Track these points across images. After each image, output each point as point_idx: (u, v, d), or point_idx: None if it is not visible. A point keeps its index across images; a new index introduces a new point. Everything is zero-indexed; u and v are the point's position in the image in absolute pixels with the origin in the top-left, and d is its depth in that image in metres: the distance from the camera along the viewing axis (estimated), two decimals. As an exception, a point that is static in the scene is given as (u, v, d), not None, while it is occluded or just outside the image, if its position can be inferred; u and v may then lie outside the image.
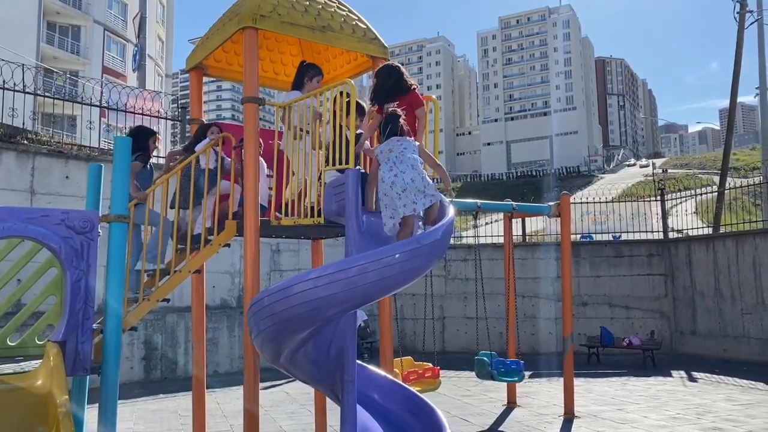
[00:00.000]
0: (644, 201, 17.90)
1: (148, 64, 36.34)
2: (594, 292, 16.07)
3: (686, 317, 15.31)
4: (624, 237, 17.24)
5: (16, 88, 10.99)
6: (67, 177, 11.10)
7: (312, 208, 4.99)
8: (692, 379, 11.65)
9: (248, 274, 5.23)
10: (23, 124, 11.13)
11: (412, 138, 4.82)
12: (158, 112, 12.85)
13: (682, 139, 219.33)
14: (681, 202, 20.25)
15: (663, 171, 68.64)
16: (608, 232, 17.75)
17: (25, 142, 10.89)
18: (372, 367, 5.11)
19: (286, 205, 5.36)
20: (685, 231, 17.37)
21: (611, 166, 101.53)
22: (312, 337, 4.34)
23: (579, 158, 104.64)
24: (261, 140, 5.56)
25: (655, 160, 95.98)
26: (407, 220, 4.46)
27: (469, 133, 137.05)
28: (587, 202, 17.66)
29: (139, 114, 12.42)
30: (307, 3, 5.76)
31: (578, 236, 18.22)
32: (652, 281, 15.93)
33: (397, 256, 4.14)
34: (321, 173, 4.97)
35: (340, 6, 6.10)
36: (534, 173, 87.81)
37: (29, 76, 11.45)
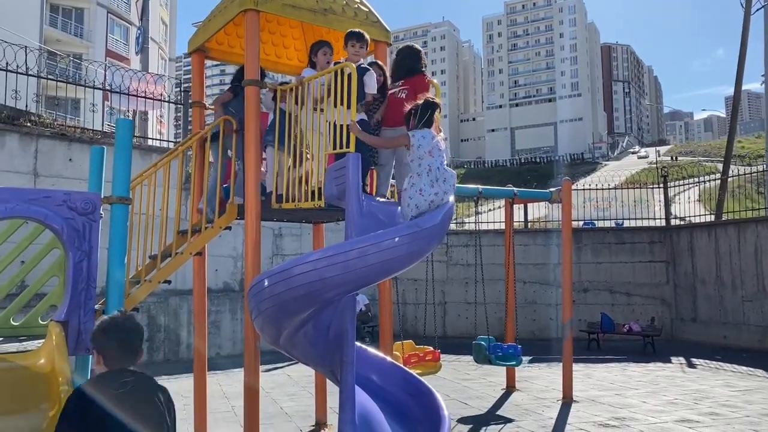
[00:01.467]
0: (647, 188, 17.87)
1: (151, 47, 36.12)
2: (595, 279, 16.10)
3: (687, 304, 15.34)
4: (626, 224, 17.24)
5: (19, 70, 10.99)
6: (70, 159, 11.13)
7: (313, 191, 5.02)
8: (691, 365, 11.71)
9: (249, 257, 5.28)
10: (26, 106, 11.15)
11: None
12: (161, 95, 12.84)
13: (687, 127, 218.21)
14: (685, 190, 20.24)
15: (673, 158, 68.31)
16: (611, 219, 17.77)
17: (29, 124, 10.91)
18: (371, 350, 5.15)
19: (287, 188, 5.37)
20: (688, 218, 17.35)
21: (615, 154, 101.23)
22: (311, 318, 4.38)
23: (583, 145, 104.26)
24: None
25: (659, 148, 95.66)
26: None
27: (473, 119, 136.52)
28: (590, 189, 17.65)
29: (141, 97, 12.42)
30: (309, -14, 5.74)
31: (581, 223, 18.24)
32: (653, 268, 15.94)
33: (396, 239, 4.18)
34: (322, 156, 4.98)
35: (343, -11, 6.08)
36: (538, 160, 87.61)
37: (32, 59, 11.48)
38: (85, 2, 38.02)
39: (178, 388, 9.49)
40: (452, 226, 18.82)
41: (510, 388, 9.34)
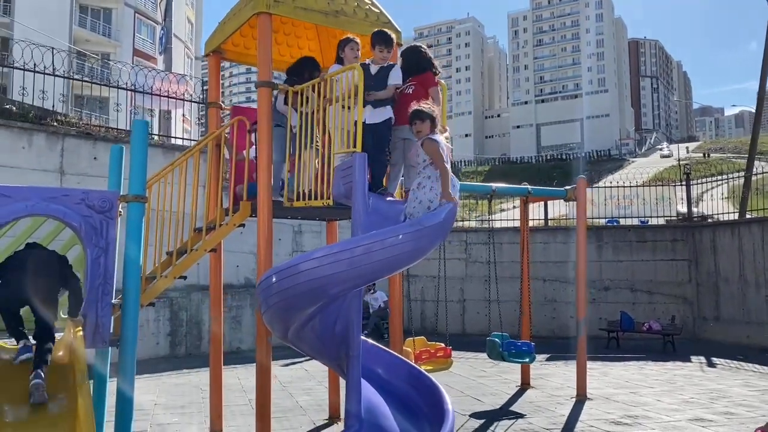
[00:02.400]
0: (669, 186, 17.69)
1: (177, 46, 36.72)
2: (616, 277, 15.99)
3: (709, 303, 15.16)
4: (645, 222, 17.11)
5: (46, 71, 11.30)
6: (95, 158, 11.41)
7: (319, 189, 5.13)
8: (711, 364, 11.61)
9: (261, 253, 5.42)
10: (53, 106, 11.47)
11: None
12: (183, 94, 13.09)
13: (717, 123, 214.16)
14: (713, 187, 19.96)
15: (705, 155, 66.94)
16: (635, 217, 17.61)
17: (55, 123, 11.21)
18: (377, 344, 5.26)
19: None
20: (716, 216, 17.12)
21: (643, 150, 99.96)
22: (318, 313, 4.50)
23: (610, 142, 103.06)
24: None
25: (688, 144, 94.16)
26: None
27: (498, 115, 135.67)
28: (610, 186, 17.54)
29: (164, 96, 12.67)
30: (321, -12, 5.86)
31: (604, 221, 18.14)
32: (675, 266, 15.78)
33: (400, 236, 4.28)
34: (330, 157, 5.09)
35: (354, -10, 6.18)
36: (564, 157, 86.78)
37: (59, 60, 11.79)
38: (113, 2, 38.70)
39: (198, 381, 9.74)
40: (472, 224, 18.87)
41: (524, 385, 9.38)
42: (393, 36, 5.28)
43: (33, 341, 4.41)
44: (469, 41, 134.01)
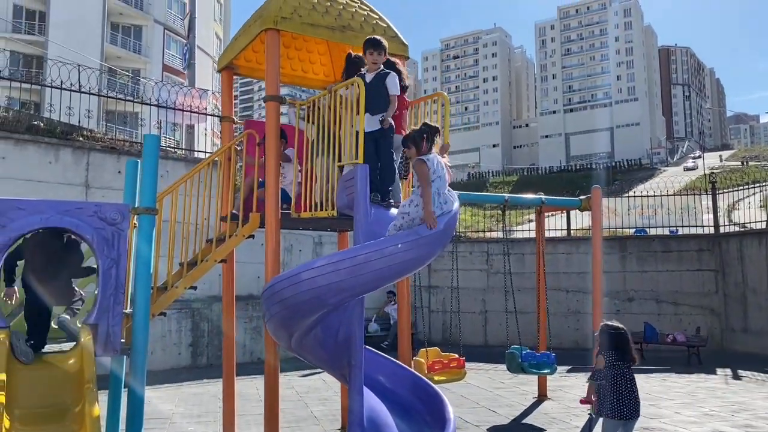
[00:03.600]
0: (695, 195, 17.41)
1: (205, 61, 37.49)
2: (641, 288, 15.77)
3: (737, 314, 14.85)
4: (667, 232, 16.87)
5: (72, 87, 11.66)
6: (119, 171, 11.68)
7: (327, 200, 5.22)
8: (737, 377, 11.37)
9: (268, 264, 5.51)
10: (79, 121, 11.80)
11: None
12: (205, 108, 13.36)
13: (752, 130, 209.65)
14: (748, 196, 19.51)
15: (743, 163, 65.18)
16: (665, 227, 17.33)
17: (81, 138, 11.53)
18: (380, 353, 5.31)
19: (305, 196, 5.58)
20: (749, 225, 16.75)
21: (675, 159, 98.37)
22: (320, 322, 4.58)
23: (641, 150, 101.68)
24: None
25: (722, 152, 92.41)
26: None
27: (527, 125, 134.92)
28: (632, 196, 17.35)
29: (186, 111, 12.94)
30: (329, 4, 5.98)
31: (631, 231, 17.91)
32: (701, 277, 15.51)
33: (399, 245, 4.34)
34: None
35: (362, 6, 6.29)
36: (593, 166, 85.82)
37: (84, 76, 12.16)
38: (143, 20, 39.65)
39: (217, 391, 9.83)
40: (493, 235, 18.77)
41: (541, 397, 9.30)
42: (383, 40, 5.29)
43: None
44: (495, 51, 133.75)
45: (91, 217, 4.95)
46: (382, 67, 5.32)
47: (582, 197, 9.18)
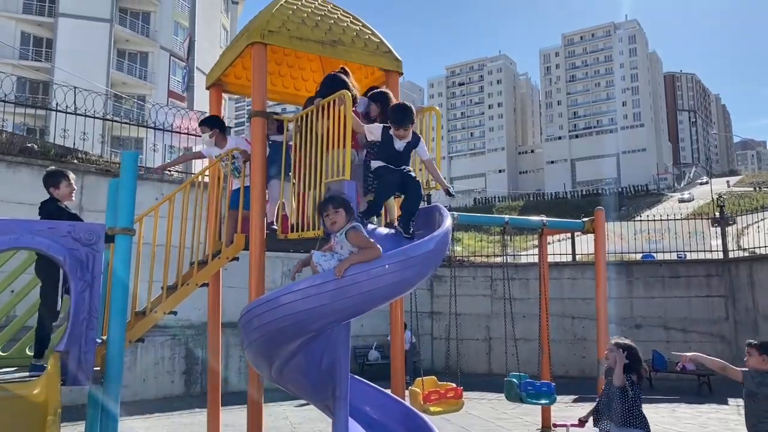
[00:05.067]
0: (702, 219, 17.07)
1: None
2: (648, 314, 15.38)
3: (749, 342, 14.41)
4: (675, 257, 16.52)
5: (78, 111, 11.54)
6: (114, 195, 11.50)
7: (313, 221, 4.96)
8: (750, 407, 10.92)
9: (252, 287, 5.24)
10: (74, 144, 11.63)
11: None
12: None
13: (759, 156, 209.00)
14: (757, 221, 19.14)
15: (756, 188, 64.45)
16: (673, 251, 16.97)
17: (75, 161, 11.36)
18: (368, 383, 4.99)
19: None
20: (759, 250, 16.39)
21: (682, 185, 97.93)
22: (302, 349, 4.27)
23: (648, 176, 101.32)
24: None
25: (729, 179, 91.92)
26: None
27: (532, 151, 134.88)
28: (641, 220, 17.02)
29: (184, 134, 12.79)
30: (319, 18, 5.80)
31: (639, 255, 17.55)
32: (711, 303, 15.12)
33: (386, 266, 4.05)
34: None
35: (354, 21, 6.11)
36: (599, 192, 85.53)
37: (89, 100, 12.07)
38: (150, 46, 39.90)
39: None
40: (497, 260, 18.43)
41: (545, 428, 8.91)
42: (412, 112, 4.75)
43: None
44: (501, 78, 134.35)
45: (65, 238, 4.69)
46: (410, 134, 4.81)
47: (585, 219, 8.88)
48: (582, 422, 5.53)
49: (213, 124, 6.23)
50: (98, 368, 4.83)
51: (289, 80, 7.11)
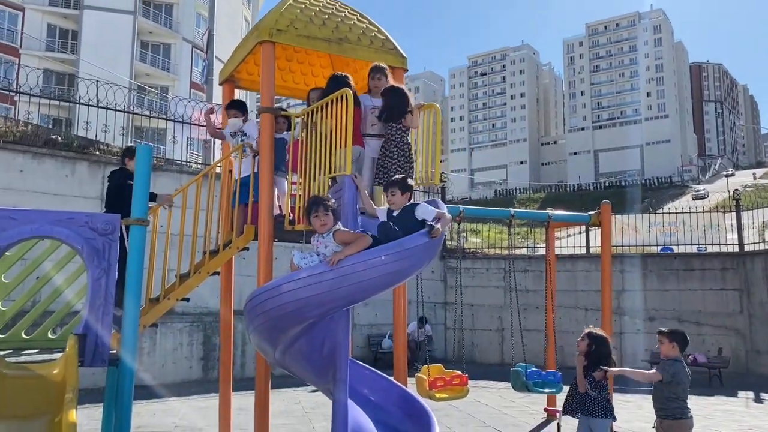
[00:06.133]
0: (718, 212, 17.00)
1: (231, 78, 37.93)
2: (661, 307, 15.41)
3: (763, 335, 14.40)
4: (691, 249, 16.49)
5: (100, 104, 11.90)
6: (134, 185, 11.84)
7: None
8: (759, 400, 10.98)
9: (261, 276, 5.47)
10: (95, 136, 11.99)
11: None
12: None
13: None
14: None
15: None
16: (687, 244, 16.94)
17: (97, 153, 11.71)
18: (368, 368, 5.21)
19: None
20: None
21: (707, 177, 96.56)
22: (304, 334, 4.50)
23: (672, 168, 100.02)
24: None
25: (756, 170, 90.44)
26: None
27: (555, 142, 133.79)
28: (656, 213, 17.00)
29: (203, 126, 13.07)
30: (326, 16, 5.98)
31: (657, 248, 17.54)
32: (725, 296, 15.10)
33: (383, 257, 4.25)
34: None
35: (361, 19, 6.28)
36: (623, 183, 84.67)
37: (111, 93, 12.43)
38: (172, 38, 40.42)
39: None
40: (513, 252, 18.50)
41: (550, 417, 9.08)
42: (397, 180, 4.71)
43: None
44: (523, 68, 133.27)
45: (82, 227, 4.97)
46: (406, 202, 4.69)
47: (591, 213, 8.98)
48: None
49: (244, 109, 6.50)
50: (114, 351, 5.11)
51: (299, 76, 7.31)
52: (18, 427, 4.13)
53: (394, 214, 4.60)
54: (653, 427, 5.19)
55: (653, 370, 5.17)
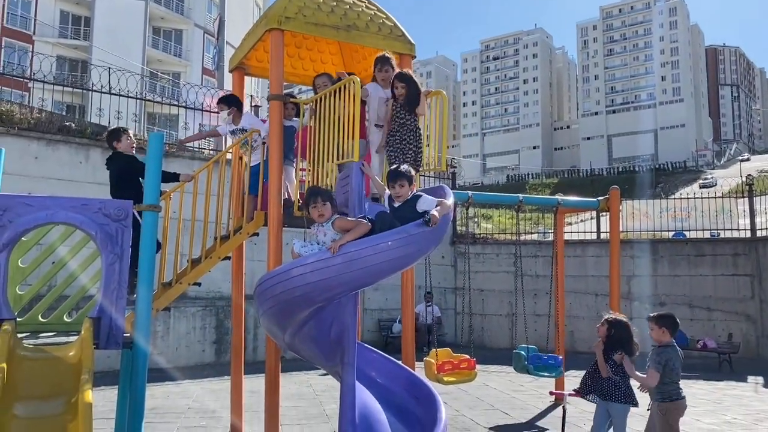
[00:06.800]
0: (730, 198, 16.90)
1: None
2: (672, 292, 15.39)
3: (774, 321, 14.37)
4: (702, 235, 16.42)
5: (103, 90, 12.01)
6: (147, 171, 11.97)
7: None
8: (768, 385, 11.01)
9: (270, 262, 5.57)
10: (108, 123, 12.11)
11: None
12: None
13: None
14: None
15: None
16: (699, 230, 16.87)
17: (110, 139, 11.83)
18: (376, 351, 5.31)
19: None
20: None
21: (722, 161, 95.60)
22: (312, 318, 4.60)
23: (686, 153, 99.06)
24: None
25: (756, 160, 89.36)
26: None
27: (568, 127, 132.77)
28: (667, 198, 16.92)
29: (215, 113, 13.17)
30: (334, 3, 6.02)
31: (669, 234, 17.48)
32: (737, 282, 15.06)
33: (389, 243, 4.32)
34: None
35: (369, 6, 6.31)
36: (636, 169, 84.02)
37: (124, 80, 12.55)
38: (184, 24, 40.49)
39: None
40: (522, 237, 18.53)
41: (558, 400, 9.16)
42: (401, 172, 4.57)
43: None
44: (536, 52, 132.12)
45: (96, 214, 5.07)
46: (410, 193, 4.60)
47: (600, 198, 9.00)
48: (578, 392, 5.79)
49: (230, 102, 6.65)
50: (128, 334, 5.24)
51: (309, 63, 7.35)
52: (36, 407, 4.27)
53: (395, 205, 4.59)
54: (648, 410, 5.26)
55: (648, 372, 5.20)
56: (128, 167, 6.03)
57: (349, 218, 4.43)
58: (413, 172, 4.69)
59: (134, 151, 6.22)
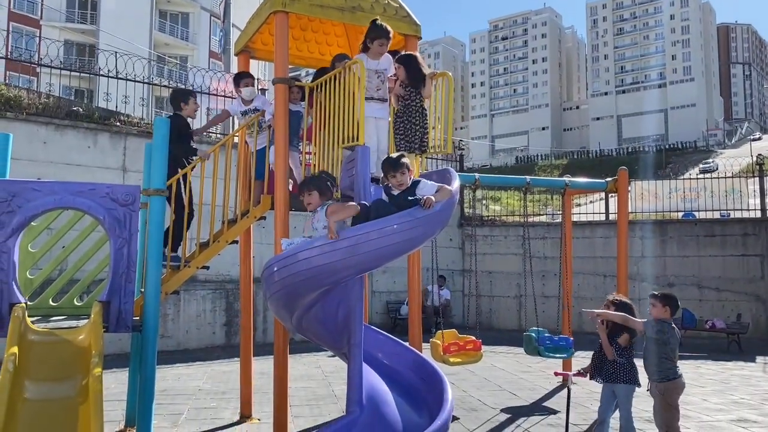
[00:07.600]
0: (741, 177, 16.78)
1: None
2: (681, 273, 15.35)
3: (784, 301, 14.32)
4: (711, 215, 16.33)
5: (110, 74, 12.03)
6: (155, 156, 12.02)
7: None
8: (776, 365, 11.00)
9: (278, 246, 5.59)
10: (116, 107, 12.14)
11: None
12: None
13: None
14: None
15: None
16: (709, 210, 16.78)
17: (118, 124, 11.87)
18: (382, 332, 5.35)
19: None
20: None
21: (733, 141, 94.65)
22: (319, 301, 4.63)
23: (697, 132, 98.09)
24: None
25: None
26: None
27: (577, 107, 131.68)
28: (676, 179, 16.82)
29: (221, 96, 13.18)
30: (339, -16, 5.97)
31: (679, 215, 17.40)
32: (746, 262, 14.99)
33: (395, 226, 4.33)
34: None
35: (374, -14, 6.25)
36: (646, 149, 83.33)
37: (131, 64, 12.54)
38: (191, 7, 40.33)
39: (245, 369, 10.11)
40: (530, 219, 18.49)
41: (566, 381, 9.17)
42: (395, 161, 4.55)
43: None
44: (545, 32, 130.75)
45: (104, 198, 5.11)
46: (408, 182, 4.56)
47: (608, 179, 8.95)
48: (581, 373, 5.83)
49: (247, 76, 6.66)
50: (138, 317, 5.30)
51: (314, 45, 7.33)
52: (48, 389, 4.34)
53: (393, 192, 4.55)
54: (647, 390, 5.28)
55: (640, 323, 5.23)
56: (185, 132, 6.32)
57: (339, 203, 4.45)
58: (404, 160, 4.55)
59: (195, 115, 6.66)
